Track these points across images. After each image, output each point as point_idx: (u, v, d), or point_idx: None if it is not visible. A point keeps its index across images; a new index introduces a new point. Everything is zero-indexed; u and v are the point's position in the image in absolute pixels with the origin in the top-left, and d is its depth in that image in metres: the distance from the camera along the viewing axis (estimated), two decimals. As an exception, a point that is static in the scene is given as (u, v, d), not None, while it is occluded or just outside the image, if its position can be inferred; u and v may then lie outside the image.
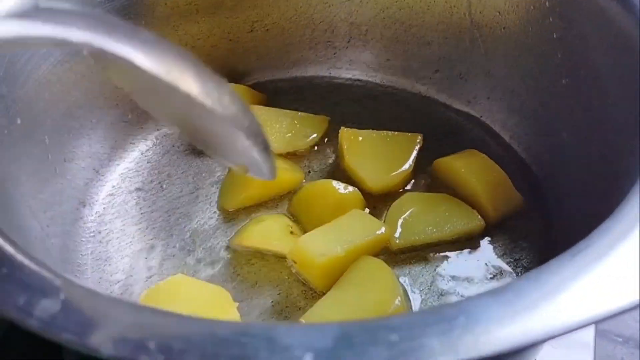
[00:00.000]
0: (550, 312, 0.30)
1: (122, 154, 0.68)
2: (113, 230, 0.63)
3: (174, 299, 0.54)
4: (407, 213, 0.60)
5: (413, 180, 0.66)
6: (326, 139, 0.70)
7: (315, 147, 0.69)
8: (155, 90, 0.39)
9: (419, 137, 0.66)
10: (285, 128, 0.63)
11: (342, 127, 0.67)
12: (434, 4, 0.69)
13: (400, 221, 0.60)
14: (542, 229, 0.61)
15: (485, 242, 0.60)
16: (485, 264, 0.59)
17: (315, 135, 0.69)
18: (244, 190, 0.63)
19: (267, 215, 0.62)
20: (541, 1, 0.60)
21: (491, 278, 0.58)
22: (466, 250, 0.60)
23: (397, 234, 0.59)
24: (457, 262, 0.59)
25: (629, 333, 0.70)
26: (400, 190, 0.65)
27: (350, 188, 0.62)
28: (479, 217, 0.60)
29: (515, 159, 0.67)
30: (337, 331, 0.29)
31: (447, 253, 0.60)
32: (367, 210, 0.62)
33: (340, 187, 0.62)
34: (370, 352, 0.28)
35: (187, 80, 0.36)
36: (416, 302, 0.57)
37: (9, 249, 0.35)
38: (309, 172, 0.67)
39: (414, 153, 0.65)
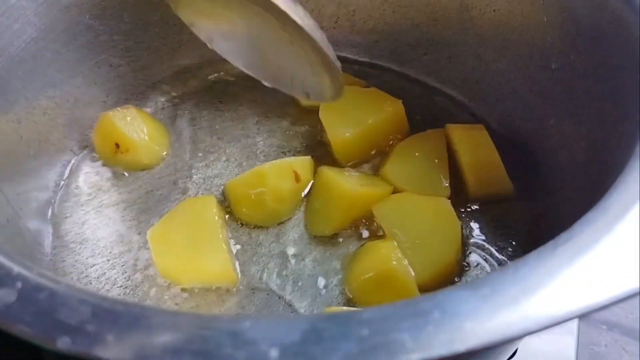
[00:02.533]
0: (528, 308, 0.29)
1: (101, 133, 0.67)
2: (89, 211, 0.61)
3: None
4: None
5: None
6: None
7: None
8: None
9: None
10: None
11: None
12: (423, -15, 0.67)
13: None
14: (528, 217, 0.60)
15: (469, 227, 0.59)
16: (467, 249, 0.58)
17: None
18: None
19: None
20: (532, -17, 0.58)
21: (475, 266, 0.57)
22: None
23: None
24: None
25: (615, 320, 0.70)
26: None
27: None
28: None
29: (503, 146, 0.65)
30: (306, 325, 0.28)
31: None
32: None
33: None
34: (339, 347, 0.27)
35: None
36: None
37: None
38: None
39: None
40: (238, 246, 0.59)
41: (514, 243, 0.58)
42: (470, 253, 0.58)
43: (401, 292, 0.53)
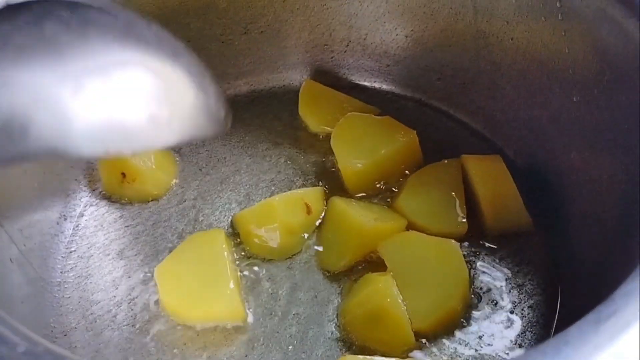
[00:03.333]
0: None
1: (106, 161, 0.65)
2: (94, 244, 0.60)
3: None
4: None
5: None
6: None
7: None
8: None
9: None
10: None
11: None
12: (438, 10, 0.65)
13: None
14: (548, 252, 0.58)
15: (485, 262, 0.58)
16: (489, 289, 0.56)
17: None
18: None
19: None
20: (553, 13, 0.56)
21: (492, 304, 0.55)
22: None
23: None
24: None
25: None
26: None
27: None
28: None
29: (520, 177, 0.62)
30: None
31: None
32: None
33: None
34: None
35: None
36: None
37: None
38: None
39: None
40: (247, 280, 0.57)
41: (533, 280, 0.57)
42: (488, 290, 0.56)
43: (393, 330, 0.51)
